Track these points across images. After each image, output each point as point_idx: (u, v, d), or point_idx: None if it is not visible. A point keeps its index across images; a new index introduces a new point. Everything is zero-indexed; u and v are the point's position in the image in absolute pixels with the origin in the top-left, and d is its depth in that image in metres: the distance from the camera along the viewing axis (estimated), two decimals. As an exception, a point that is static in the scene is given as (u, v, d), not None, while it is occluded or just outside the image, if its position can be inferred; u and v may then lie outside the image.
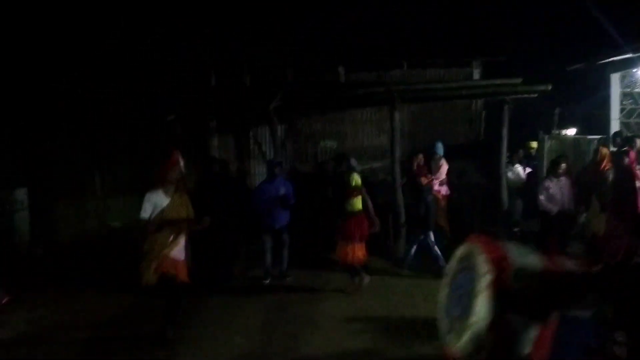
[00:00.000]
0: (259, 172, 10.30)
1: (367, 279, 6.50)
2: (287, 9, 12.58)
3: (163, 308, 4.93)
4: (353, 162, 9.94)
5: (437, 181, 8.77)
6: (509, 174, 9.20)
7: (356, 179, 6.27)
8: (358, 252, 6.27)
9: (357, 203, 6.29)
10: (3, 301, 6.48)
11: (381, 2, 13.91)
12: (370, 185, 8.90)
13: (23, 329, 5.67)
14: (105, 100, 8.88)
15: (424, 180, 8.75)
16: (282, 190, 6.80)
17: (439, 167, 8.89)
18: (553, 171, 7.13)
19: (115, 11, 10.02)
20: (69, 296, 6.70)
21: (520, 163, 9.80)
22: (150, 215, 4.77)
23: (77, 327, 5.62)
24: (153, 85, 8.93)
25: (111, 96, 8.87)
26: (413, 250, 7.45)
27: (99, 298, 6.55)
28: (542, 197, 7.02)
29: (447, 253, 8.21)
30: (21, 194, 9.26)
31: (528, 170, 9.78)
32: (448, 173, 8.92)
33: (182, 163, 4.99)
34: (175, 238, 4.86)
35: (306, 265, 7.73)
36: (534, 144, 10.12)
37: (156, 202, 4.80)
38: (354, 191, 6.25)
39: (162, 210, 4.78)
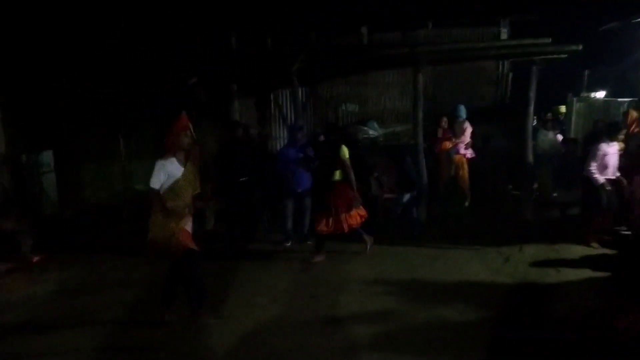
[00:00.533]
0: (279, 136, 10.31)
1: (370, 243, 6.52)
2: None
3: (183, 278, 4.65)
4: (372, 126, 9.86)
5: (463, 144, 8.70)
6: (541, 140, 8.86)
7: (344, 151, 6.19)
8: (351, 220, 6.21)
9: (339, 173, 6.23)
10: (34, 260, 6.71)
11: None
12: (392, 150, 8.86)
13: (53, 287, 5.87)
14: (128, 63, 8.87)
15: (447, 145, 8.68)
16: (304, 155, 6.77)
17: (463, 130, 8.77)
18: (612, 135, 6.40)
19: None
20: (96, 257, 6.88)
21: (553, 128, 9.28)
22: (162, 186, 4.33)
23: (104, 287, 5.79)
24: (175, 48, 8.87)
25: (134, 60, 8.85)
26: (415, 213, 7.53)
27: (125, 259, 6.71)
28: (593, 165, 6.25)
29: (467, 216, 8.29)
30: (47, 156, 9.44)
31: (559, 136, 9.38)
32: (473, 136, 8.79)
33: (191, 128, 4.48)
34: (191, 211, 4.52)
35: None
36: (563, 109, 9.64)
37: (170, 171, 4.34)
38: (341, 163, 6.18)
39: (177, 181, 4.35)
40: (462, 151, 8.60)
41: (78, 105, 9.05)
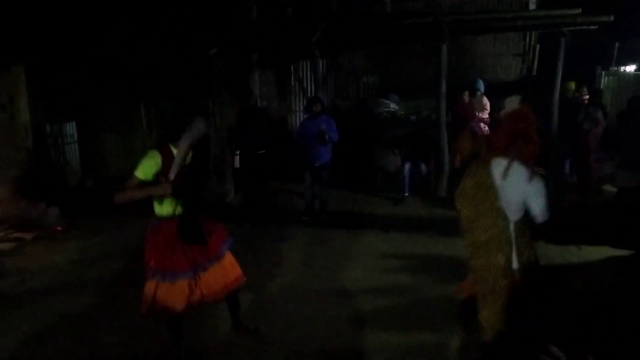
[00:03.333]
0: (299, 109, 10.23)
1: None
2: None
3: None
4: (394, 99, 9.70)
5: (483, 118, 8.53)
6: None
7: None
8: None
9: None
10: (58, 229, 6.86)
11: None
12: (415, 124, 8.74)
13: (75, 256, 6.00)
14: (150, 34, 8.83)
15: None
16: (323, 128, 6.71)
17: (483, 105, 8.58)
18: None
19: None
20: (118, 227, 6.99)
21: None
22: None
23: (125, 255, 5.89)
24: (194, 18, 8.80)
25: (155, 30, 8.81)
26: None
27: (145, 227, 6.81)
28: None
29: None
30: (70, 127, 9.57)
31: None
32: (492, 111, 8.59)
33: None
34: None
35: (345, 202, 7.77)
36: (572, 85, 8.46)
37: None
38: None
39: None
40: (484, 127, 8.39)
41: (100, 76, 9.09)
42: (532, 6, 9.52)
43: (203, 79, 8.65)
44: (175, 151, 3.26)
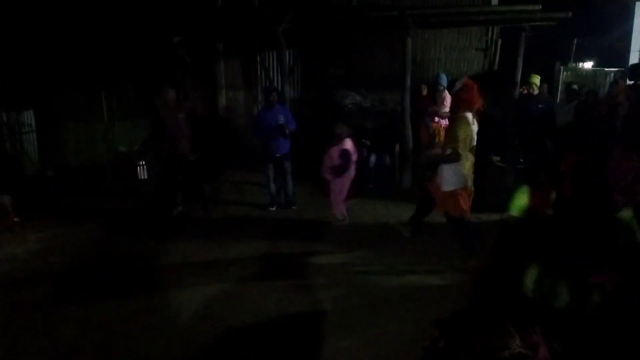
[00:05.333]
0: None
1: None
2: None
3: None
4: (360, 91, 9.68)
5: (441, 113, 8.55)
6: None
7: None
8: None
9: None
10: (15, 220, 6.63)
11: None
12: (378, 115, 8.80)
13: (33, 247, 5.84)
14: (110, 19, 8.60)
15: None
16: (281, 118, 6.65)
17: (443, 99, 8.68)
18: None
19: None
20: (78, 217, 6.84)
21: None
22: None
23: (84, 247, 5.78)
24: (158, 4, 8.61)
25: (116, 16, 8.58)
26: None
27: (106, 219, 6.71)
28: None
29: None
30: (28, 116, 9.24)
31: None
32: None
33: None
34: None
35: (311, 195, 7.79)
36: (537, 79, 8.34)
37: None
38: None
39: None
40: (438, 120, 8.46)
41: (59, 63, 8.81)
42: (494, 1, 9.71)
43: (167, 68, 8.50)
44: None
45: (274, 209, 7.08)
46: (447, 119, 8.36)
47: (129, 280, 4.90)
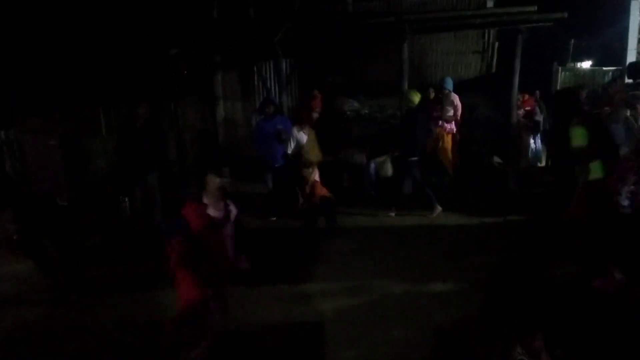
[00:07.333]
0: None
1: None
2: None
3: None
4: (359, 98, 9.67)
5: (445, 117, 8.54)
6: None
7: None
8: None
9: None
10: (15, 237, 6.59)
11: None
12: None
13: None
14: (107, 34, 8.61)
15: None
16: (280, 127, 6.66)
17: (451, 102, 8.64)
18: None
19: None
20: (81, 232, 6.79)
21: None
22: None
23: (88, 263, 5.72)
24: (155, 18, 8.62)
25: (113, 30, 8.60)
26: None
27: (107, 236, 6.68)
28: None
29: (450, 188, 8.22)
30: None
31: None
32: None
33: None
34: None
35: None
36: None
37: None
38: None
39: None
40: (442, 124, 8.42)
41: (57, 79, 8.81)
42: (490, 4, 9.73)
43: (165, 81, 8.50)
44: None
45: (274, 218, 7.04)
46: (452, 123, 8.39)
47: (129, 284, 4.95)
